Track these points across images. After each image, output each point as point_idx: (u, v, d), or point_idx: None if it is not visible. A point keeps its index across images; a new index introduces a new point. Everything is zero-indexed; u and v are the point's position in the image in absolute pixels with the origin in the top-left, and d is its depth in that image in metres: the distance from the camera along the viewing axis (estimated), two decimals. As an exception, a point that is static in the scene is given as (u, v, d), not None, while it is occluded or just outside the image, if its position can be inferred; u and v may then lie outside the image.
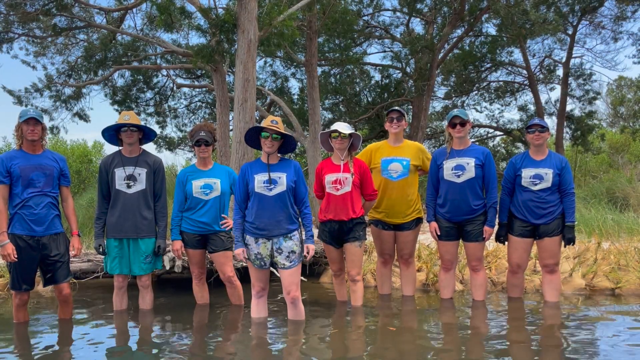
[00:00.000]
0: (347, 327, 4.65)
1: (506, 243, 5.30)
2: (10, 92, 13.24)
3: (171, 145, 17.80)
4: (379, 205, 5.30)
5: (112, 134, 4.94)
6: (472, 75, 17.47)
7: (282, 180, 4.40)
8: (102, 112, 48.46)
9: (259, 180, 4.40)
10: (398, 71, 16.88)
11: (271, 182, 4.38)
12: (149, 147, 18.20)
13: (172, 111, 17.47)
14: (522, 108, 18.43)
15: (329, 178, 4.95)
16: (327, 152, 5.23)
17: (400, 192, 5.26)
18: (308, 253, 4.47)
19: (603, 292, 5.81)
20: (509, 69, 17.89)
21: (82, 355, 3.92)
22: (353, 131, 4.93)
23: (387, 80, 17.26)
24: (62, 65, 13.57)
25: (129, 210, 4.83)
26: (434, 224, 5.23)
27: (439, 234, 5.21)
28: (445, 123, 5.51)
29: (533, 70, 17.18)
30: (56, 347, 4.15)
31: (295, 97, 17.04)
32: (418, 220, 5.39)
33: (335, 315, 4.99)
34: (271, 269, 4.73)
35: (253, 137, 4.56)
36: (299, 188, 4.50)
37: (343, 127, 4.87)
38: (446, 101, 18.95)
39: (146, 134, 5.04)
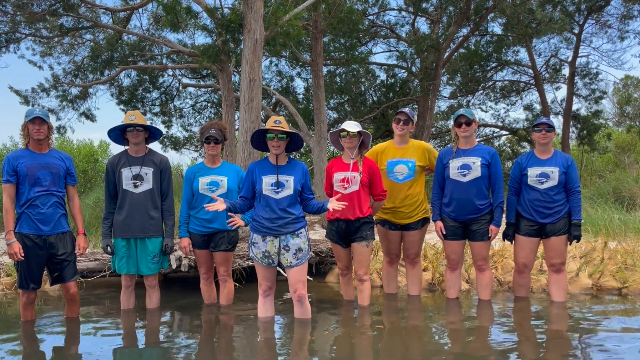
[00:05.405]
0: (354, 326, 4.65)
1: (513, 242, 5.29)
2: (17, 92, 13.28)
3: (177, 144, 17.83)
4: (385, 206, 5.30)
5: (118, 134, 4.95)
6: (477, 74, 17.43)
7: (290, 184, 4.40)
8: (108, 111, 48.61)
9: (267, 183, 4.39)
10: (403, 70, 16.85)
11: (279, 185, 4.38)
12: (155, 146, 18.28)
13: (177, 111, 17.49)
14: (527, 107, 18.39)
15: (338, 176, 4.96)
16: (338, 151, 5.23)
17: (406, 194, 5.25)
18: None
19: (610, 291, 5.79)
20: (515, 68, 17.84)
21: (89, 353, 3.93)
22: (361, 129, 4.93)
23: (393, 80, 17.25)
24: (68, 65, 13.60)
25: (136, 210, 4.84)
26: (440, 224, 5.23)
27: (444, 233, 5.21)
28: (451, 122, 5.49)
29: (539, 69, 17.12)
30: (63, 346, 4.18)
31: (301, 96, 17.03)
32: (425, 220, 5.39)
33: (342, 315, 4.99)
34: (278, 268, 4.73)
35: (259, 140, 4.56)
36: (305, 192, 4.51)
37: (351, 126, 4.86)
38: (452, 100, 18.91)
39: (152, 134, 5.06)
